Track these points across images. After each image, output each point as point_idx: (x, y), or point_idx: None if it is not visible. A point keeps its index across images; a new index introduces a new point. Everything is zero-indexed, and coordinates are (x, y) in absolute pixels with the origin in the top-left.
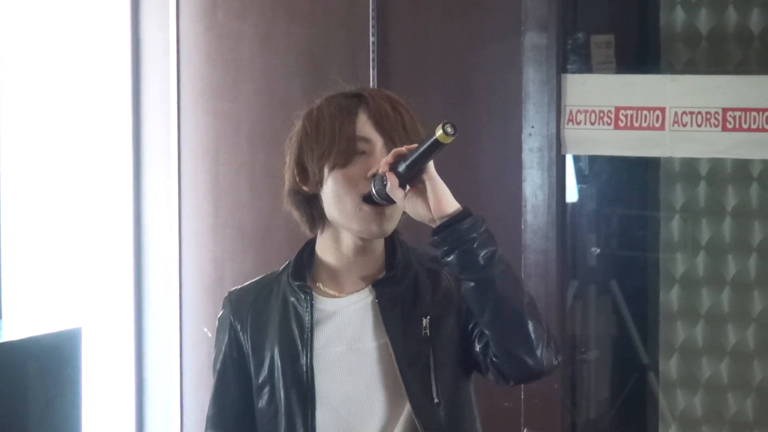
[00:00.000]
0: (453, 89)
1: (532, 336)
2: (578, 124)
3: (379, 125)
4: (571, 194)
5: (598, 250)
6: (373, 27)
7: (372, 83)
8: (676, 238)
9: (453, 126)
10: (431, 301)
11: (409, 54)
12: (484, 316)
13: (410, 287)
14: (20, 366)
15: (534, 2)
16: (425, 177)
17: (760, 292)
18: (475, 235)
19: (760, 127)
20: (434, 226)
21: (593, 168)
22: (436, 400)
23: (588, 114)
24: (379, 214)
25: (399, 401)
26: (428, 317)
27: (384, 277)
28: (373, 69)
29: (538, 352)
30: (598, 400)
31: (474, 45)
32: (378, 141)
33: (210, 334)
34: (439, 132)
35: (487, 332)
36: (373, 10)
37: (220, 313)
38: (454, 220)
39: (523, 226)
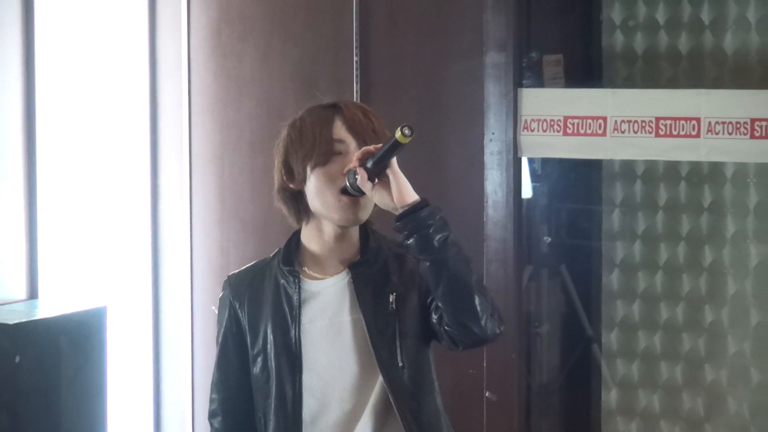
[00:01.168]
0: (425, 101)
1: (478, 308)
2: (532, 131)
3: (353, 129)
4: (527, 191)
5: (550, 239)
6: (356, 48)
7: (356, 96)
8: (616, 229)
9: (410, 128)
10: (397, 281)
11: (387, 71)
12: (438, 290)
13: (381, 269)
14: (54, 340)
15: (493, 26)
16: (389, 172)
17: (689, 275)
18: (431, 222)
19: (688, 133)
20: (397, 213)
21: (545, 169)
22: (400, 364)
23: (540, 122)
24: (354, 203)
25: (371, 366)
26: (395, 294)
27: (359, 261)
28: (357, 83)
29: (483, 322)
30: (549, 367)
31: (442, 63)
32: (352, 142)
33: (216, 311)
34: (398, 133)
35: (440, 305)
36: (356, 33)
37: (221, 294)
38: (413, 209)
39: (485, 219)
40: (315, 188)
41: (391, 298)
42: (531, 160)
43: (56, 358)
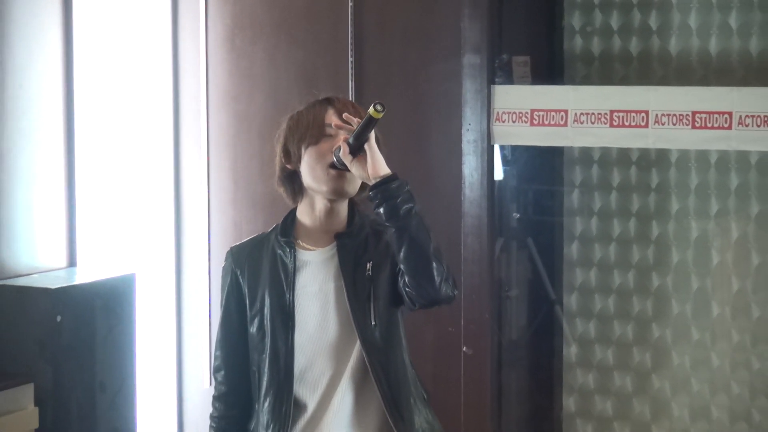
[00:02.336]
0: (410, 96)
1: (435, 273)
2: (503, 122)
3: (342, 117)
4: (498, 174)
5: (518, 216)
6: (351, 50)
7: (350, 91)
8: (575, 206)
9: (382, 105)
10: (374, 252)
11: (378, 70)
12: (401, 254)
13: (362, 242)
14: (89, 303)
15: (470, 32)
16: (367, 147)
17: (638, 246)
18: (399, 193)
19: (638, 124)
20: (371, 184)
21: (514, 155)
22: (373, 323)
23: (510, 115)
24: (341, 176)
25: (351, 326)
26: (371, 262)
27: (344, 232)
28: (351, 81)
29: (437, 284)
30: (518, 326)
31: (425, 64)
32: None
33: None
34: (371, 110)
35: (402, 267)
36: (351, 38)
37: (224, 263)
38: (384, 181)
39: (462, 198)
40: (308, 165)
41: (368, 265)
42: (502, 147)
43: (91, 318)
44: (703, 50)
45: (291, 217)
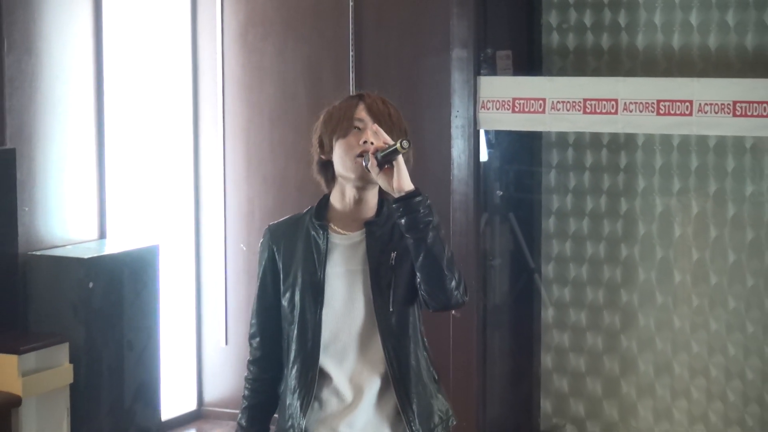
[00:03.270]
0: (405, 86)
1: (447, 282)
2: (488, 109)
3: (371, 111)
4: (483, 156)
5: (501, 193)
6: (351, 46)
7: (351, 84)
8: (552, 185)
9: (408, 142)
10: (398, 242)
11: (376, 64)
12: (417, 263)
13: (388, 231)
14: (118, 271)
15: (458, 29)
16: (394, 163)
17: (608, 220)
18: (420, 208)
19: (608, 111)
20: (395, 197)
21: (498, 138)
22: (390, 309)
23: (494, 103)
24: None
25: (371, 309)
26: (395, 252)
27: (373, 220)
28: (352, 73)
29: (448, 293)
30: (501, 291)
31: (418, 58)
32: (369, 122)
33: (245, 248)
34: (398, 144)
35: (418, 274)
36: (351, 35)
37: (262, 239)
38: (408, 196)
39: (451, 177)
40: (338, 155)
41: (393, 255)
42: (487, 132)
43: (120, 284)
44: (666, 45)
45: (324, 201)
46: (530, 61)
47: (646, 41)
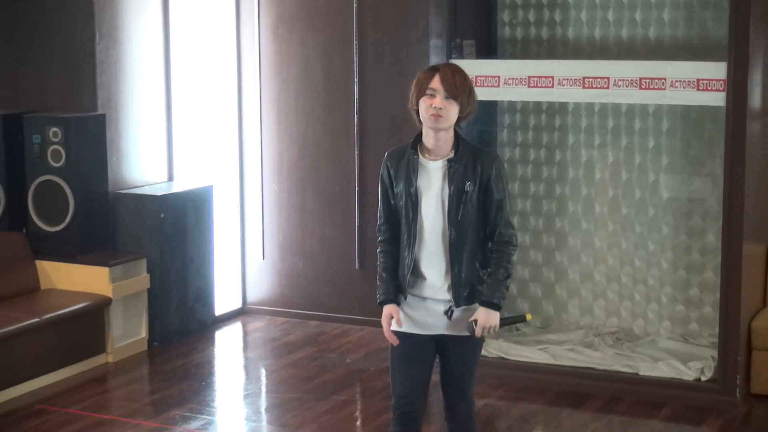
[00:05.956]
0: (395, 69)
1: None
2: None
3: (443, 81)
4: None
5: None
6: (355, 36)
7: (355, 66)
8: (505, 140)
9: (532, 316)
10: (471, 175)
11: (373, 51)
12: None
13: (463, 165)
14: (182, 206)
15: (435, 24)
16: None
17: (546, 167)
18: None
19: (546, 85)
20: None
21: None
22: (459, 218)
23: None
24: (436, 118)
25: (445, 214)
26: (469, 182)
27: (452, 158)
28: (356, 57)
29: None
30: None
31: (405, 46)
32: (440, 89)
33: (276, 188)
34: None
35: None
36: (355, 28)
37: (383, 162)
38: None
39: None
40: (421, 110)
41: (467, 184)
42: None
43: (184, 215)
44: (590, 36)
45: (417, 137)
46: (488, 48)
47: (575, 33)
